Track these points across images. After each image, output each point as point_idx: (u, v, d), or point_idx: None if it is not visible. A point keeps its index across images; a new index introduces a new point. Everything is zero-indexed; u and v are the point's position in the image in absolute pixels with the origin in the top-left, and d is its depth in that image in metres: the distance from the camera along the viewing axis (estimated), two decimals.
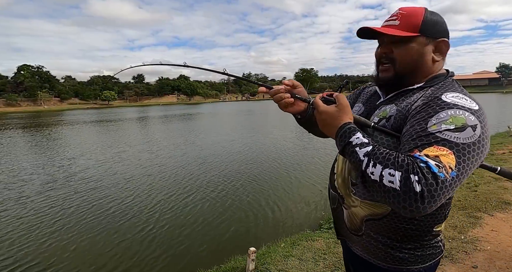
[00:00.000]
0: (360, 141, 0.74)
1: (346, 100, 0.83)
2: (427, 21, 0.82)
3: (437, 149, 0.66)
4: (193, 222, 4.62)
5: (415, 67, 0.85)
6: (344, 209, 0.97)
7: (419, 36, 0.82)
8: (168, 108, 51.81)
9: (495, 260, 2.42)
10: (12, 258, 3.74)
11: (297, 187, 6.09)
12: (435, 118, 0.71)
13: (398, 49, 0.84)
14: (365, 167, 0.70)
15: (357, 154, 0.72)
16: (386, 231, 0.86)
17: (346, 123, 0.80)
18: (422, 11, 0.83)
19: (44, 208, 5.31)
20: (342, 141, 0.78)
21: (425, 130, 0.70)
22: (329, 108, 0.83)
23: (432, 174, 0.62)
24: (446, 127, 0.68)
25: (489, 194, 3.80)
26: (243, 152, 9.92)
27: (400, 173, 0.63)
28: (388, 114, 0.85)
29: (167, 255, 3.73)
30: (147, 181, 6.86)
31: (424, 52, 0.83)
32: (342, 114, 0.81)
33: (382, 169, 0.66)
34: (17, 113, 48.26)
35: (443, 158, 0.64)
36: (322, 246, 2.97)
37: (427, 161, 0.64)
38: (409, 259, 0.86)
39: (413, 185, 0.61)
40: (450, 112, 0.71)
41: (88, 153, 10.53)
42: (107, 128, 20.31)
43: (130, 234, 4.27)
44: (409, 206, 0.62)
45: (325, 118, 0.83)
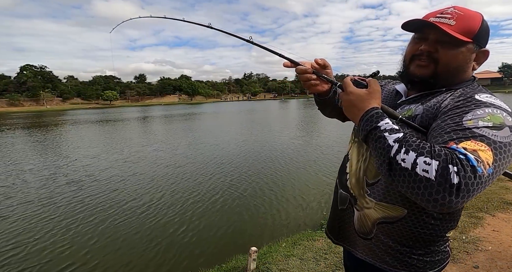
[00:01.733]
0: (390, 127, 0.69)
1: (379, 86, 0.79)
2: (483, 29, 0.79)
3: (475, 144, 0.62)
4: (194, 221, 4.63)
5: (457, 72, 0.82)
6: (356, 211, 0.93)
7: (470, 43, 0.79)
8: (170, 108, 51.94)
9: (496, 260, 2.41)
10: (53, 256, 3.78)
11: (299, 187, 6.09)
12: (471, 115, 0.69)
13: (445, 50, 0.79)
14: (395, 153, 0.64)
15: (385, 139, 0.67)
16: (398, 235, 0.83)
17: (374, 107, 0.75)
18: (480, 17, 0.79)
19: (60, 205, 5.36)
20: (368, 125, 0.72)
21: (460, 125, 0.67)
22: (359, 90, 0.79)
23: (471, 167, 0.58)
24: (484, 124, 0.66)
25: (491, 194, 3.79)
26: (244, 151, 9.92)
27: (437, 162, 0.59)
28: (414, 112, 0.82)
29: (168, 254, 3.75)
30: (149, 180, 6.88)
31: (470, 59, 0.81)
32: (372, 98, 0.77)
33: (416, 156, 0.61)
34: (20, 113, 48.49)
35: (481, 153, 0.61)
36: (323, 245, 2.98)
37: (466, 153, 0.60)
38: (418, 265, 0.83)
39: (450, 176, 0.57)
40: (487, 110, 0.69)
41: (105, 152, 10.57)
42: (115, 127, 20.41)
43: (131, 233, 4.29)
44: (441, 199, 0.58)
45: (353, 99, 0.79)
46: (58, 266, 3.55)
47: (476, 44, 0.79)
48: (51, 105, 67.72)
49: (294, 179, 6.63)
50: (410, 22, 0.83)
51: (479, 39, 0.79)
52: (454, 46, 0.78)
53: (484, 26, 0.79)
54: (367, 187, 0.89)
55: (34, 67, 72.10)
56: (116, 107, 63.82)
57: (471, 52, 0.79)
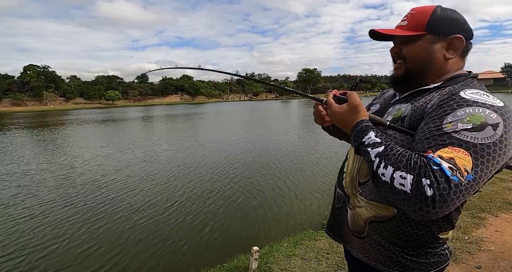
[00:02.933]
0: (372, 141, 0.72)
1: (357, 98, 0.81)
2: (434, 19, 0.80)
3: (452, 150, 0.62)
4: (196, 221, 4.64)
5: (424, 64, 0.83)
6: (349, 209, 0.94)
7: (425, 35, 0.81)
8: (172, 107, 51.97)
9: (499, 261, 2.40)
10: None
11: (300, 187, 6.08)
12: (451, 116, 0.67)
13: (407, 48, 0.85)
14: (376, 168, 0.68)
15: (369, 154, 0.71)
16: (390, 234, 0.83)
17: (358, 122, 0.78)
18: (432, 9, 0.82)
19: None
20: (356, 141, 0.76)
21: (440, 129, 0.67)
22: (341, 108, 0.83)
23: (445, 178, 0.59)
24: (463, 126, 0.64)
25: (494, 195, 3.77)
26: (247, 151, 9.92)
27: (412, 176, 0.61)
28: (403, 113, 0.82)
29: (170, 253, 3.76)
30: (151, 179, 6.90)
31: (433, 50, 0.81)
32: (354, 112, 0.80)
33: (393, 171, 0.64)
34: (23, 113, 48.70)
35: (458, 161, 0.61)
36: (325, 245, 2.98)
37: (441, 163, 0.61)
38: (411, 266, 0.83)
39: (424, 189, 0.59)
40: (468, 109, 0.66)
41: (117, 152, 10.58)
42: (122, 127, 20.42)
43: (132, 232, 4.30)
44: (419, 210, 0.60)
45: (338, 118, 0.84)
46: (89, 268, 3.53)
47: (435, 33, 0.81)
48: (54, 105, 68.01)
49: (296, 179, 6.62)
50: (369, 34, 0.90)
51: (434, 28, 0.80)
52: (411, 42, 0.83)
53: (436, 15, 0.81)
54: (359, 186, 0.90)
55: (37, 67, 72.41)
56: (119, 107, 64.00)
57: (430, 42, 0.81)
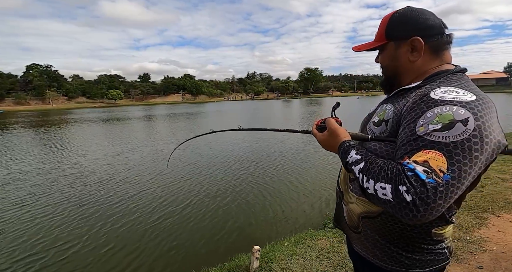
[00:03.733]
0: (354, 159, 0.77)
1: (334, 123, 0.90)
2: (389, 27, 0.85)
3: (425, 153, 0.64)
4: (197, 220, 4.65)
5: (394, 70, 0.89)
6: (344, 205, 0.97)
7: (388, 43, 0.87)
8: (174, 107, 52.13)
9: (501, 261, 2.40)
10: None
11: (302, 186, 6.09)
12: (422, 119, 0.68)
13: (380, 57, 0.93)
14: (361, 182, 0.73)
15: (353, 171, 0.76)
16: (382, 230, 0.84)
17: (340, 144, 0.84)
18: (388, 17, 0.86)
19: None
20: (343, 162, 0.82)
21: (414, 134, 0.68)
22: (323, 136, 0.91)
23: (420, 182, 0.61)
24: (433, 128, 0.65)
25: (496, 195, 3.76)
26: (247, 151, 9.93)
27: (390, 186, 0.65)
28: (386, 116, 0.83)
29: (171, 252, 3.77)
30: (152, 178, 6.93)
31: (397, 55, 0.86)
32: (334, 137, 0.87)
33: (374, 184, 0.68)
34: (26, 112, 49.01)
35: (432, 162, 0.62)
36: (326, 245, 2.98)
37: (415, 168, 0.62)
38: (406, 262, 0.83)
39: (403, 196, 0.62)
40: (436, 110, 0.67)
41: (127, 151, 10.64)
42: (127, 126, 20.61)
43: (133, 232, 4.32)
44: (405, 215, 0.63)
45: (325, 145, 0.91)
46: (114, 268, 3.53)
47: (395, 40, 0.85)
48: (56, 104, 68.34)
49: (297, 178, 6.62)
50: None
51: (392, 35, 0.85)
52: (382, 51, 0.91)
53: (390, 23, 0.85)
54: (350, 183, 0.93)
55: (40, 66, 72.85)
56: (121, 106, 64.25)
57: (394, 49, 0.86)
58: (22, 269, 3.50)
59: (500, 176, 4.50)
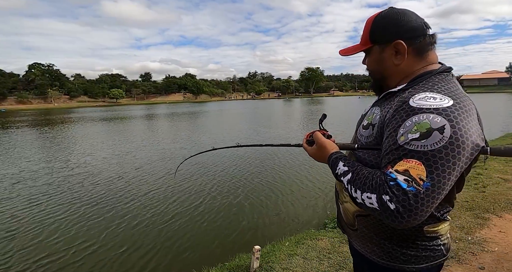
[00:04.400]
0: (342, 171, 0.80)
1: (320, 136, 0.93)
2: (373, 30, 0.85)
3: (406, 162, 0.66)
4: (198, 220, 4.65)
5: (379, 73, 0.90)
6: (340, 204, 1.01)
7: (372, 47, 0.86)
8: (176, 106, 52.24)
9: (502, 262, 2.38)
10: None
11: (303, 186, 6.08)
12: (402, 128, 0.69)
13: (366, 60, 0.93)
14: (350, 192, 0.76)
15: (342, 182, 0.80)
16: (376, 227, 0.86)
17: (329, 157, 0.88)
18: (371, 20, 0.86)
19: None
20: (333, 173, 0.85)
21: (395, 143, 0.70)
22: (313, 149, 0.95)
23: (402, 191, 0.64)
24: (412, 137, 0.67)
25: (498, 195, 3.74)
26: (248, 153, 9.93)
27: (375, 196, 0.68)
28: (373, 120, 0.86)
29: (171, 252, 3.78)
30: (160, 178, 6.94)
31: (381, 58, 0.86)
32: (322, 150, 0.91)
33: (361, 194, 0.72)
34: (29, 111, 49.15)
35: (412, 171, 0.65)
36: (327, 245, 2.97)
37: (396, 177, 0.66)
38: (402, 258, 0.85)
39: (387, 205, 0.65)
40: (414, 118, 0.68)
41: (136, 150, 10.68)
42: (132, 125, 20.71)
43: (134, 231, 4.33)
44: (392, 222, 0.66)
45: (316, 158, 0.95)
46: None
47: (379, 43, 0.85)
48: (58, 103, 68.55)
49: (298, 178, 6.62)
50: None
51: (376, 39, 0.85)
52: (367, 55, 0.91)
53: (374, 26, 0.85)
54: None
55: (42, 66, 73.04)
56: (122, 105, 64.36)
57: (379, 52, 0.86)
58: (41, 269, 3.48)
59: (502, 177, 4.48)
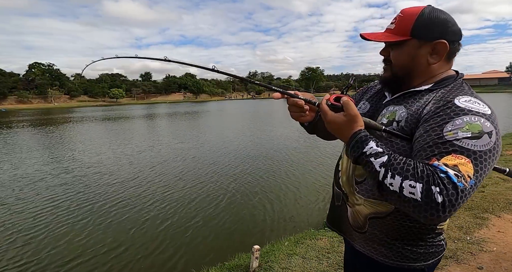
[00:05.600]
0: (375, 151, 0.72)
1: (354, 108, 0.79)
2: (419, 24, 0.80)
3: (455, 158, 0.66)
4: (197, 219, 4.66)
5: (409, 69, 0.85)
6: (348, 207, 0.97)
7: (410, 40, 0.82)
8: (176, 106, 52.20)
9: (501, 262, 2.39)
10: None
11: (302, 186, 6.09)
12: (450, 125, 0.70)
13: (393, 52, 0.87)
14: (382, 178, 0.69)
15: (372, 164, 0.71)
16: (390, 229, 0.86)
17: (356, 132, 0.77)
18: (417, 12, 0.81)
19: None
20: (355, 151, 0.76)
21: (441, 137, 0.69)
22: (337, 118, 0.80)
23: (452, 185, 0.63)
24: (463, 135, 0.68)
25: (497, 195, 3.74)
26: (248, 151, 9.94)
27: (421, 185, 0.64)
28: (397, 116, 0.83)
29: (171, 252, 3.79)
30: (153, 177, 6.95)
31: (417, 55, 0.82)
32: (352, 123, 0.78)
33: (401, 181, 0.66)
34: (29, 110, 49.12)
35: (461, 167, 0.65)
36: (326, 245, 2.98)
37: (447, 171, 0.64)
38: (411, 256, 0.86)
39: (435, 196, 0.62)
40: (465, 118, 0.70)
41: (146, 150, 10.69)
42: (136, 125, 20.73)
43: (134, 231, 4.34)
44: (430, 216, 0.63)
45: (334, 128, 0.81)
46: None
47: (419, 39, 0.81)
48: (58, 103, 68.57)
49: (297, 178, 6.63)
50: (361, 37, 0.91)
51: (418, 33, 0.80)
52: (397, 46, 0.85)
53: (420, 20, 0.80)
54: (356, 185, 0.93)
55: (42, 65, 73.00)
56: (123, 105, 64.32)
57: (415, 47, 0.82)
58: (75, 268, 3.49)
59: (501, 176, 4.48)
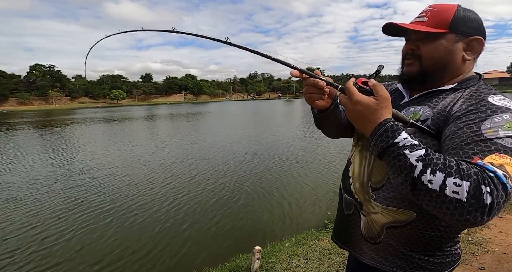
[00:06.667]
0: (410, 143, 0.64)
1: (386, 91, 0.71)
2: (458, 17, 0.78)
3: (500, 157, 0.60)
4: (198, 220, 4.66)
5: (443, 64, 0.80)
6: (362, 216, 0.90)
7: (448, 33, 0.78)
8: (177, 106, 52.28)
9: (503, 262, 2.39)
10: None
11: (303, 187, 6.09)
12: (489, 122, 0.65)
13: (426, 45, 0.80)
14: (419, 173, 0.60)
15: (406, 157, 0.62)
16: (408, 238, 0.81)
17: (387, 119, 0.68)
18: (454, 7, 0.79)
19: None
20: (384, 141, 0.66)
21: (480, 135, 0.64)
22: (367, 99, 0.71)
23: (502, 185, 0.57)
24: (505, 133, 0.63)
25: None
26: (250, 151, 9.94)
27: (468, 183, 0.57)
28: (422, 116, 0.79)
29: (172, 252, 3.79)
30: (154, 177, 6.96)
31: (454, 49, 0.78)
32: (382, 108, 0.70)
33: (445, 177, 0.58)
34: (30, 112, 49.19)
35: (508, 168, 0.59)
36: (327, 245, 2.98)
37: (495, 170, 0.58)
38: (428, 267, 0.82)
39: (483, 197, 0.56)
40: (505, 116, 0.66)
41: (152, 151, 10.71)
42: (139, 126, 20.72)
43: (135, 231, 4.34)
44: (473, 218, 0.57)
45: (361, 110, 0.71)
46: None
47: (457, 33, 0.78)
48: (59, 104, 68.72)
49: (298, 179, 6.62)
50: (385, 27, 0.86)
51: (457, 27, 0.77)
52: (432, 39, 0.79)
53: (459, 14, 0.78)
54: (372, 192, 0.86)
55: (43, 67, 73.20)
56: (123, 106, 64.46)
57: (452, 41, 0.78)
58: (107, 269, 3.50)
59: None
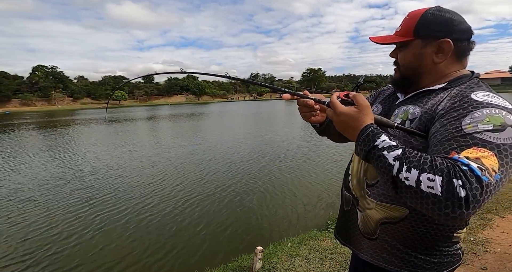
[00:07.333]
0: (388, 144, 0.67)
1: (365, 100, 0.78)
2: (420, 24, 0.80)
3: (477, 151, 0.61)
4: (200, 221, 4.67)
5: (414, 69, 0.85)
6: (359, 212, 0.93)
7: (414, 40, 0.82)
8: (179, 107, 52.26)
9: (505, 262, 2.38)
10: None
11: (304, 187, 6.09)
12: (469, 118, 0.66)
13: (400, 54, 0.87)
14: (396, 172, 0.63)
15: (385, 158, 0.66)
16: (403, 235, 0.83)
17: (368, 125, 0.74)
18: (420, 13, 0.81)
19: None
20: (366, 145, 0.71)
21: (460, 130, 0.66)
22: (348, 109, 0.77)
23: (476, 178, 0.57)
24: (484, 127, 0.64)
25: (500, 196, 3.73)
26: (251, 151, 9.95)
27: (441, 178, 0.58)
28: (411, 115, 0.81)
29: (174, 253, 3.80)
30: (156, 177, 6.98)
31: (421, 54, 0.82)
32: (362, 115, 0.75)
33: (418, 174, 0.60)
34: (33, 113, 49.31)
35: (485, 161, 0.60)
36: (329, 246, 2.98)
37: (469, 163, 0.59)
38: (424, 266, 0.82)
39: (456, 190, 0.57)
40: (485, 111, 0.66)
41: (160, 152, 10.75)
42: (141, 127, 20.73)
43: (136, 231, 4.36)
44: (452, 212, 0.57)
45: (344, 120, 0.77)
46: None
47: (422, 38, 0.81)
48: (62, 105, 68.99)
49: (300, 179, 6.63)
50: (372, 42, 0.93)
51: (419, 34, 0.81)
52: (404, 48, 0.86)
53: (426, 19, 0.80)
54: (367, 188, 0.89)
55: (45, 68, 73.46)
56: (126, 107, 64.59)
57: (420, 47, 0.82)
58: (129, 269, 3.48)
59: None
